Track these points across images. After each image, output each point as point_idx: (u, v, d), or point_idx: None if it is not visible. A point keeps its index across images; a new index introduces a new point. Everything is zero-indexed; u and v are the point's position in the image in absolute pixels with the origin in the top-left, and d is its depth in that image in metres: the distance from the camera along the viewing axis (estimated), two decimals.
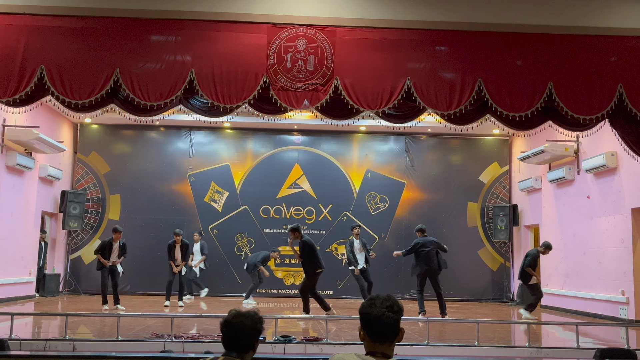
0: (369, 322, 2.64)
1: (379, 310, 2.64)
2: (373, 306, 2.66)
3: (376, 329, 2.63)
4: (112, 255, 11.79)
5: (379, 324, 2.62)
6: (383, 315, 2.62)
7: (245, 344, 2.98)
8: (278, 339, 7.16)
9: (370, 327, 2.64)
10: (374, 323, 2.63)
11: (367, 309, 2.66)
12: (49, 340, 6.95)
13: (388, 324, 2.63)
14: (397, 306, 2.67)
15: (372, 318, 2.63)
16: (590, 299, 12.16)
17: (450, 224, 16.00)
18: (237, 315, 3.01)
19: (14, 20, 7.68)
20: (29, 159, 13.14)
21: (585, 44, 8.02)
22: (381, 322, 2.62)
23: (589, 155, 12.30)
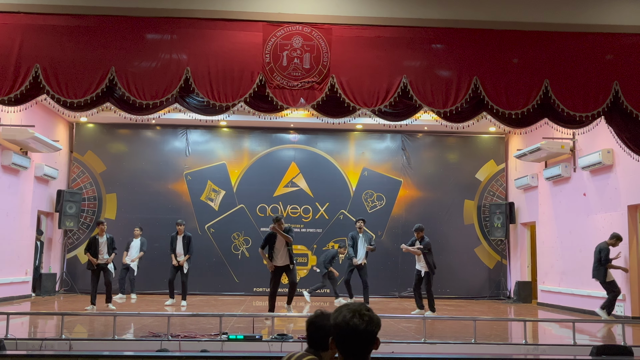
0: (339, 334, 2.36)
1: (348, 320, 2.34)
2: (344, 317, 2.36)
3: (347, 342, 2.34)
4: (101, 252, 11.28)
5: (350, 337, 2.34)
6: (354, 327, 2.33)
7: (324, 343, 2.95)
8: (275, 338, 7.15)
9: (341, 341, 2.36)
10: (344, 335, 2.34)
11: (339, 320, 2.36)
12: (45, 339, 6.93)
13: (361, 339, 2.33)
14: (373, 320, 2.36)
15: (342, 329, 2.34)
16: (587, 296, 12.19)
17: (447, 222, 16.01)
18: (319, 315, 3.10)
19: (9, 19, 7.66)
20: (24, 158, 13.10)
21: (581, 41, 8.04)
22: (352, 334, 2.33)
23: (585, 153, 12.32)
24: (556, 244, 13.66)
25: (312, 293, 13.99)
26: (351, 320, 2.33)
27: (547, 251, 14.12)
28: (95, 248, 11.30)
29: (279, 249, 10.45)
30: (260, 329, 8.33)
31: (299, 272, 15.64)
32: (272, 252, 10.47)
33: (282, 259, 10.46)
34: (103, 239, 11.42)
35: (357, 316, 2.34)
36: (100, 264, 11.30)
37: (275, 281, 10.49)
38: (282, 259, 10.46)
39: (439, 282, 15.47)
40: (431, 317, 10.43)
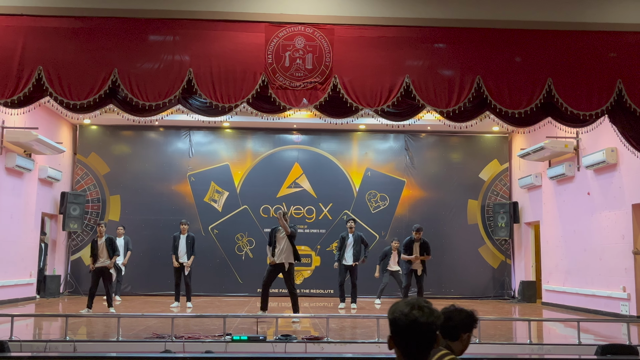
0: (398, 332, 2.20)
1: (408, 318, 2.19)
2: (403, 313, 2.21)
3: (408, 342, 2.19)
4: (100, 255, 10.96)
5: (411, 336, 2.18)
6: (414, 325, 2.18)
7: (453, 333, 3.21)
8: (279, 338, 7.15)
9: (400, 339, 2.20)
10: (405, 335, 2.19)
11: (396, 314, 2.22)
12: (49, 341, 6.94)
13: (422, 336, 2.18)
14: (431, 315, 2.21)
15: (401, 328, 2.19)
16: (591, 295, 12.15)
17: (451, 222, 15.99)
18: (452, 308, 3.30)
19: (12, 21, 7.68)
20: (28, 160, 13.13)
21: (584, 39, 8.01)
22: (413, 334, 2.18)
23: (588, 152, 12.29)
24: (560, 243, 13.62)
25: (380, 296, 13.80)
26: (410, 312, 2.18)
27: (552, 251, 14.09)
28: (95, 251, 11.03)
29: (279, 244, 10.00)
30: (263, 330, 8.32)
31: (302, 272, 15.69)
32: (273, 248, 10.07)
33: (282, 255, 9.95)
34: (102, 241, 11.12)
35: (416, 308, 2.19)
36: (99, 267, 10.95)
37: (269, 277, 10.00)
38: (281, 256, 9.95)
39: (443, 282, 15.48)
40: None
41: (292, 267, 10.09)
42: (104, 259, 11.03)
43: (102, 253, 11.04)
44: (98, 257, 11.02)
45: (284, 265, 9.96)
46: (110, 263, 11.07)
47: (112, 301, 11.22)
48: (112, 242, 11.23)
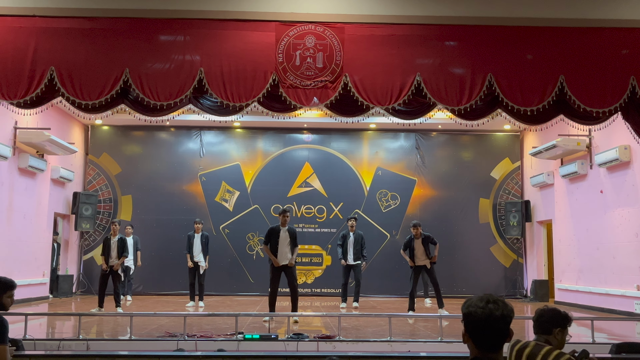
0: (474, 325, 2.29)
1: (483, 312, 2.28)
2: (479, 307, 2.30)
3: (483, 334, 2.28)
4: (111, 254, 11.04)
5: (486, 329, 2.28)
6: (490, 318, 2.27)
7: (547, 328, 3.53)
8: (291, 337, 7.15)
9: (475, 332, 2.29)
10: (481, 328, 2.28)
11: (471, 308, 2.31)
12: (62, 340, 6.98)
13: (495, 330, 2.27)
14: (506, 308, 2.33)
15: (477, 321, 2.28)
16: (605, 294, 12.06)
17: (462, 221, 15.93)
18: (547, 307, 3.63)
19: (24, 22, 7.73)
20: (40, 160, 13.22)
21: (596, 36, 7.95)
22: (488, 326, 2.27)
23: (601, 149, 12.19)
24: (573, 241, 13.53)
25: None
26: (486, 306, 2.28)
27: (564, 249, 14.00)
28: (107, 249, 11.10)
29: (282, 245, 9.79)
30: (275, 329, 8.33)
31: (314, 272, 15.69)
32: (275, 249, 9.80)
33: (282, 255, 9.77)
34: (114, 240, 11.17)
35: (491, 302, 2.30)
36: (110, 266, 11.03)
37: (275, 281, 9.74)
38: (282, 257, 9.77)
39: (455, 281, 15.43)
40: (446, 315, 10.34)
41: (294, 265, 9.94)
42: (114, 259, 11.10)
43: (113, 252, 11.10)
44: (110, 255, 11.05)
45: (287, 265, 9.77)
46: (117, 264, 11.09)
47: (120, 301, 11.23)
48: (123, 243, 11.29)
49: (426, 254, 11.41)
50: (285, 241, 9.82)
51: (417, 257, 11.41)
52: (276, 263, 9.76)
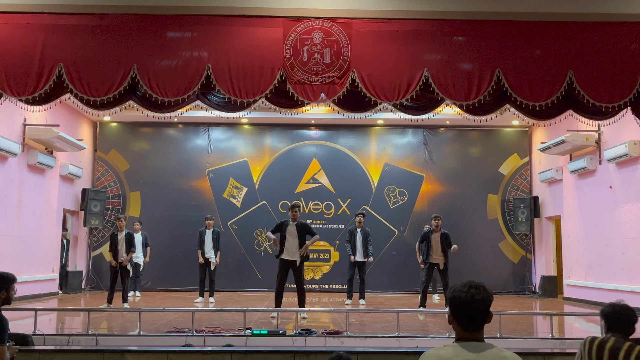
0: (457, 308, 2.59)
1: (464, 296, 2.57)
2: (459, 291, 2.60)
3: (465, 316, 2.57)
4: (119, 250, 11.02)
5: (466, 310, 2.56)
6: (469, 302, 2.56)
7: (624, 327, 3.59)
8: (299, 332, 7.16)
9: (459, 314, 2.58)
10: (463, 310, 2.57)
11: (456, 293, 2.60)
12: (72, 335, 7.02)
13: (475, 312, 2.56)
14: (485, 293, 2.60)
15: (460, 304, 2.57)
16: (614, 290, 11.99)
17: (470, 217, 15.89)
18: (619, 305, 3.66)
19: (33, 19, 7.75)
20: (49, 157, 13.28)
21: (605, 31, 7.89)
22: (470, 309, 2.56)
23: (610, 145, 12.13)
24: (582, 237, 13.48)
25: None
26: (468, 291, 2.57)
27: (573, 245, 13.94)
28: (114, 245, 11.09)
29: (289, 240, 9.61)
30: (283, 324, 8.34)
31: (322, 268, 15.70)
32: (283, 243, 9.64)
33: (292, 252, 9.58)
34: (121, 236, 11.17)
35: (473, 287, 2.59)
36: (119, 263, 11.05)
37: (282, 277, 9.57)
38: (291, 253, 9.58)
39: (463, 277, 15.30)
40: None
41: (303, 263, 9.74)
42: (122, 254, 11.11)
43: (121, 248, 11.11)
44: (117, 251, 11.08)
45: (295, 262, 9.59)
46: (126, 260, 11.08)
47: (127, 297, 11.21)
48: (131, 238, 11.30)
49: (442, 252, 11.06)
50: (294, 236, 9.63)
51: (432, 252, 11.05)
52: (275, 244, 9.67)
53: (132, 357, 5.33)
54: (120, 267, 11.10)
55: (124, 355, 5.42)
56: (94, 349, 6.05)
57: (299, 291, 9.60)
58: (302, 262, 9.66)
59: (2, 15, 7.72)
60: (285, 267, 9.65)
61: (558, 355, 5.97)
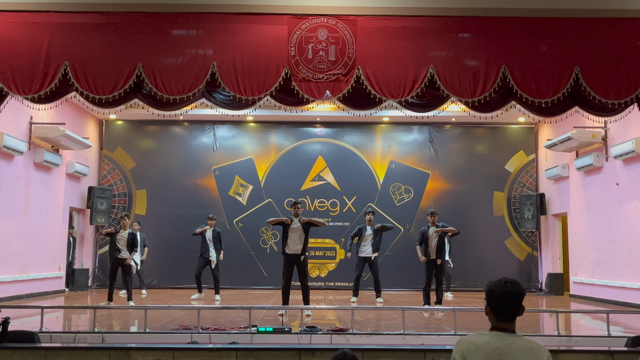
0: (494, 300, 2.90)
1: (501, 290, 2.89)
2: (496, 286, 2.91)
3: (500, 307, 2.88)
4: (121, 248, 11.04)
5: (501, 303, 2.88)
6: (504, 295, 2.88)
7: None
8: (304, 330, 7.17)
9: (495, 305, 2.89)
10: (499, 302, 2.88)
11: (492, 287, 2.92)
12: (78, 332, 7.04)
13: (509, 304, 2.88)
14: (519, 288, 2.91)
15: (496, 297, 2.89)
16: (621, 287, 11.96)
17: (476, 214, 15.85)
18: None
19: (38, 17, 7.77)
20: (56, 155, 13.33)
21: (611, 27, 7.84)
22: (503, 301, 2.88)
23: (617, 141, 12.07)
24: (588, 235, 13.43)
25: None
26: (504, 285, 2.90)
27: (579, 242, 13.90)
28: (115, 242, 11.06)
29: (292, 236, 9.68)
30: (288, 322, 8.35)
31: (327, 265, 15.70)
32: (285, 238, 9.74)
33: (294, 246, 9.66)
34: (124, 234, 11.17)
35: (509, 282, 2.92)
36: (119, 259, 11.05)
37: (288, 274, 9.68)
38: (294, 246, 9.66)
39: (469, 274, 15.37)
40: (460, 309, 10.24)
41: (307, 258, 9.82)
42: (123, 252, 11.11)
43: (123, 246, 11.11)
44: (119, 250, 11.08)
45: (299, 256, 9.66)
46: (128, 259, 11.11)
47: (131, 294, 11.20)
48: (134, 238, 11.31)
49: (437, 248, 10.89)
50: (297, 232, 9.72)
51: (429, 249, 10.95)
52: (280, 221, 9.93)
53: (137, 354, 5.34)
54: (123, 266, 11.10)
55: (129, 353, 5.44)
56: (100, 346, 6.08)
57: (303, 292, 9.63)
58: (305, 257, 9.72)
59: (8, 14, 7.74)
60: (290, 263, 9.71)
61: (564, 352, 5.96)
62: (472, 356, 2.78)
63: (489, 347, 2.79)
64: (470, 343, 2.84)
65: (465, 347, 2.83)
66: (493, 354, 2.77)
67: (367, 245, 12.25)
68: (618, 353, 5.51)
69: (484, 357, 2.77)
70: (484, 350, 2.78)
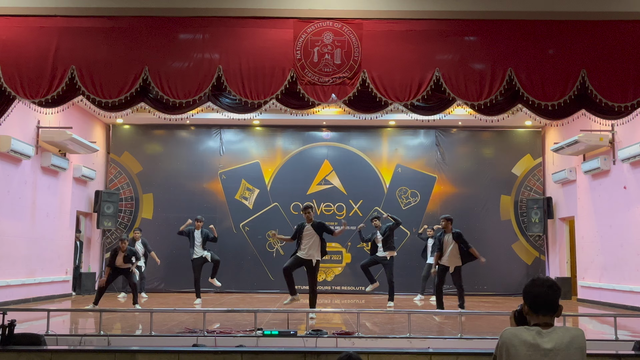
0: (531, 299, 3.05)
1: (539, 289, 3.04)
2: (534, 285, 3.07)
3: (538, 305, 3.02)
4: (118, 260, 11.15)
5: (540, 300, 3.02)
6: (543, 293, 3.02)
7: None
8: (310, 333, 7.15)
9: (532, 304, 3.04)
10: (536, 300, 3.03)
11: (529, 287, 3.08)
12: (84, 335, 7.06)
13: (548, 300, 3.01)
14: (556, 286, 3.05)
15: (534, 296, 3.04)
16: (629, 291, 11.88)
17: (483, 218, 15.80)
18: None
19: (45, 22, 7.81)
20: (63, 159, 13.38)
21: (618, 30, 7.81)
22: (542, 299, 3.02)
23: (625, 145, 12.01)
24: (596, 238, 13.36)
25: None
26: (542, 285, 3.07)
27: (587, 246, 13.82)
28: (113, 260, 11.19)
29: (306, 240, 9.68)
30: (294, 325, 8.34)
31: (333, 269, 15.68)
32: (299, 244, 9.76)
33: (310, 251, 9.63)
34: (123, 254, 11.24)
35: (551, 282, 3.08)
36: (118, 269, 11.18)
37: (292, 264, 9.65)
38: (310, 252, 9.64)
39: (476, 278, 15.29)
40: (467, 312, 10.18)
41: (319, 264, 9.78)
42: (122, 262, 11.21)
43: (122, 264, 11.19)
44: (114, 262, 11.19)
45: (311, 261, 9.65)
46: (132, 267, 11.37)
47: (137, 298, 11.33)
48: (133, 254, 11.40)
49: (459, 254, 10.55)
50: (310, 236, 9.69)
51: (444, 254, 10.61)
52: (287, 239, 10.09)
53: (143, 357, 5.34)
54: (125, 273, 11.27)
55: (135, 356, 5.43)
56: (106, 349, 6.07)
57: (311, 292, 9.63)
58: (317, 262, 9.70)
59: (15, 19, 7.79)
60: (298, 260, 9.71)
61: None
62: (517, 350, 2.91)
63: (533, 342, 2.91)
64: (511, 334, 2.97)
65: (509, 340, 2.95)
66: (536, 350, 2.90)
67: (379, 245, 12.13)
68: (625, 357, 5.46)
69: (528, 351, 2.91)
70: (528, 345, 2.91)
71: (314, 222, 9.86)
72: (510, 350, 2.92)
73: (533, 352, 2.89)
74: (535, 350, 2.90)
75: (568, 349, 2.89)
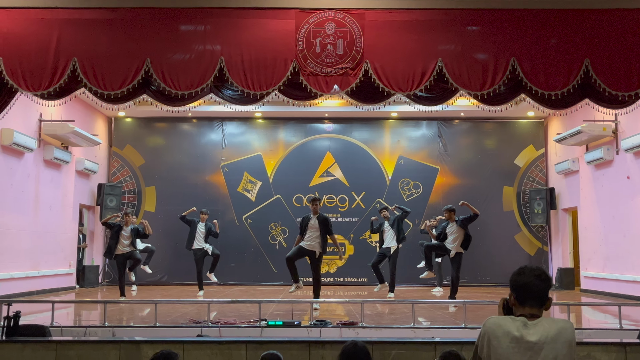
0: (518, 289, 2.85)
1: (527, 279, 2.83)
2: (521, 275, 2.85)
3: (525, 295, 2.82)
4: (124, 242, 11.39)
5: (527, 291, 2.82)
6: (530, 283, 2.82)
7: None
8: (314, 324, 7.17)
9: (519, 295, 2.84)
10: (523, 290, 2.83)
11: (515, 277, 2.87)
12: (89, 327, 7.08)
13: (536, 291, 2.82)
14: (544, 275, 2.85)
15: (520, 285, 2.84)
16: (632, 281, 11.88)
17: (486, 209, 15.73)
18: None
19: (47, 14, 7.81)
20: (65, 152, 13.38)
21: (621, 18, 7.79)
22: (529, 289, 2.82)
23: (628, 134, 11.98)
24: (599, 229, 13.34)
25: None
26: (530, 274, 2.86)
27: (590, 237, 13.81)
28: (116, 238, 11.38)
29: (310, 232, 9.70)
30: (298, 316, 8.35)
31: (336, 261, 15.68)
32: (304, 235, 9.80)
33: (314, 242, 9.65)
34: (127, 230, 11.52)
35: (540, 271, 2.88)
36: (123, 254, 11.44)
37: (294, 253, 9.71)
38: (313, 242, 9.66)
39: (479, 269, 15.31)
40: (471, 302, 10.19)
41: (322, 256, 9.79)
42: (127, 246, 11.48)
43: (126, 241, 11.45)
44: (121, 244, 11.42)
45: (314, 252, 9.68)
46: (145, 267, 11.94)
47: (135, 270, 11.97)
48: (137, 231, 11.69)
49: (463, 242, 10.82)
50: (314, 228, 9.71)
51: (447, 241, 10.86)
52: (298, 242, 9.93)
53: (147, 347, 5.36)
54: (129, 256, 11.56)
55: (139, 346, 5.46)
56: (110, 340, 6.10)
57: (315, 282, 9.66)
58: (320, 254, 9.71)
59: (17, 11, 7.79)
60: (301, 250, 9.73)
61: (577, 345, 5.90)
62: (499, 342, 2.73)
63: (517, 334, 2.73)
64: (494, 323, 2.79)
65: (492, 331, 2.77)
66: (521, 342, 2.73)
67: (388, 237, 12.16)
68: (630, 345, 5.47)
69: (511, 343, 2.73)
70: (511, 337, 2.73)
71: (319, 215, 9.86)
72: (492, 342, 2.74)
73: (516, 344, 2.70)
74: (518, 343, 2.71)
75: (554, 342, 2.71)
